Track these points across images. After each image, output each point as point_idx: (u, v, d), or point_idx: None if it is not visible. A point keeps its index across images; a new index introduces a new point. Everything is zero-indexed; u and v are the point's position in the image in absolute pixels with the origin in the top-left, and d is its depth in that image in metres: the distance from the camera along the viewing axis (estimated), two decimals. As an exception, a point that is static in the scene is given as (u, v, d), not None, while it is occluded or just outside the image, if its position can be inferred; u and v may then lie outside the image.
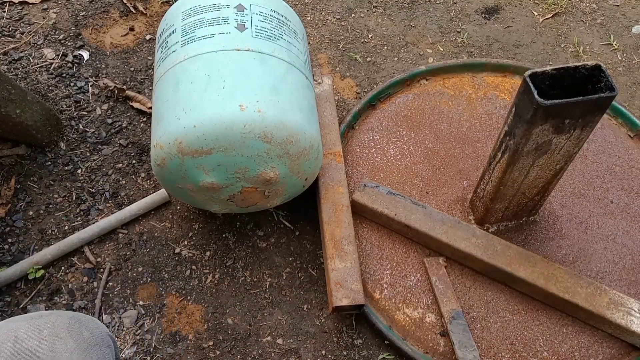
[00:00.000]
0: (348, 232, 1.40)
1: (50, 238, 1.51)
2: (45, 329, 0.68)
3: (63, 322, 0.70)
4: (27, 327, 0.68)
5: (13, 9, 1.97)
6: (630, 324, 1.30)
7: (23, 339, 0.66)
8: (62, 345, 0.67)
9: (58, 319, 0.71)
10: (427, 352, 1.33)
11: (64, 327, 0.70)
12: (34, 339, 0.67)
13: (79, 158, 1.65)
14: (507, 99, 1.77)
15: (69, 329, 0.70)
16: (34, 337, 0.67)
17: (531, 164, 1.24)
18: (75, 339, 0.69)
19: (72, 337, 0.69)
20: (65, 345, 0.67)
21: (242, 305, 1.42)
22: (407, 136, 1.68)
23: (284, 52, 1.28)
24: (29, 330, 0.68)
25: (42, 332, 0.68)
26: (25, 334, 0.67)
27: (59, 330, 0.69)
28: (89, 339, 0.70)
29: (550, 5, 2.09)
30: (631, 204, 1.56)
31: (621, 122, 1.72)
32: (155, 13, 2.02)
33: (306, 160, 1.28)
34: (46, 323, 0.70)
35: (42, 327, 0.69)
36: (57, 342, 0.67)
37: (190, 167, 1.21)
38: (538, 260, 1.37)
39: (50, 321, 0.70)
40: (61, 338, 0.68)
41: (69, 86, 1.79)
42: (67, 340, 0.68)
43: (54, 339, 0.67)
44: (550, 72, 1.10)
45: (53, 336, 0.68)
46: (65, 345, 0.67)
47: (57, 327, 0.69)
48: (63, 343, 0.67)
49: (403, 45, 1.96)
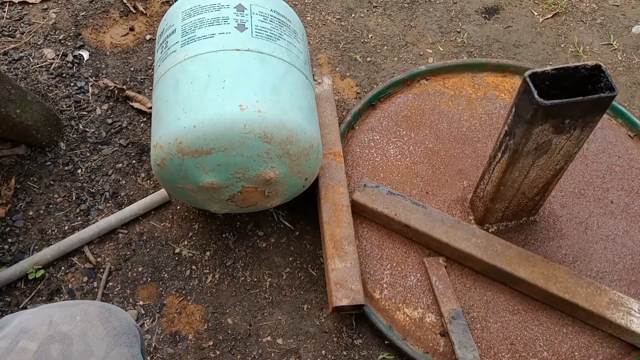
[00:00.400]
0: (348, 232, 1.40)
1: (50, 238, 1.51)
2: (78, 316, 0.72)
3: (94, 310, 0.74)
4: (61, 313, 0.72)
5: (13, 9, 1.97)
6: (630, 324, 1.30)
7: (57, 323, 0.70)
8: (93, 331, 0.71)
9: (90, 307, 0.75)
10: (427, 352, 1.33)
11: (95, 314, 0.74)
12: (67, 324, 0.71)
13: (79, 158, 1.65)
14: (507, 99, 1.77)
15: (100, 317, 0.74)
16: (68, 322, 0.71)
17: (531, 164, 1.24)
18: (106, 326, 0.73)
19: (102, 324, 0.73)
20: (96, 331, 0.71)
21: (242, 305, 1.42)
22: (407, 136, 1.68)
23: (284, 52, 1.28)
24: (62, 315, 0.72)
25: (75, 318, 0.72)
26: (59, 319, 0.71)
27: (90, 317, 0.73)
28: (118, 327, 0.74)
29: (550, 5, 2.09)
30: (631, 204, 1.56)
31: (621, 122, 1.72)
32: (155, 13, 2.02)
33: (306, 160, 1.28)
34: (79, 310, 0.74)
35: (75, 313, 0.73)
36: (88, 328, 0.71)
37: (190, 167, 1.21)
38: (538, 260, 1.37)
39: (83, 309, 0.74)
40: (93, 325, 0.72)
41: (69, 86, 1.79)
42: (98, 326, 0.72)
43: (86, 325, 0.71)
44: (550, 72, 1.10)
45: (85, 322, 0.72)
46: (96, 331, 0.71)
47: (89, 314, 0.73)
48: (94, 329, 0.71)
49: (403, 45, 1.96)
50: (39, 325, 0.70)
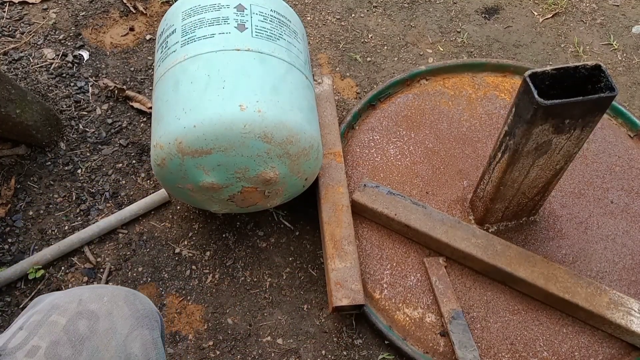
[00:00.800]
0: (348, 232, 1.40)
1: (50, 238, 1.51)
2: (105, 296, 0.78)
3: (120, 293, 0.80)
4: (90, 293, 0.78)
5: (13, 9, 1.97)
6: (630, 324, 1.30)
7: (86, 301, 0.76)
8: (118, 311, 0.76)
9: (116, 290, 0.80)
10: (427, 352, 1.33)
11: (121, 297, 0.79)
12: (95, 302, 0.76)
13: (79, 158, 1.65)
14: (507, 99, 1.77)
15: (125, 299, 0.79)
16: (96, 302, 0.76)
17: (531, 164, 1.24)
18: (130, 308, 0.78)
19: (127, 305, 0.78)
20: (121, 311, 0.77)
21: (242, 305, 1.42)
22: (407, 136, 1.68)
23: (284, 52, 1.28)
24: (91, 295, 0.77)
25: (102, 298, 0.77)
26: (88, 298, 0.77)
27: (117, 299, 0.78)
28: (141, 310, 0.79)
29: (550, 5, 2.09)
30: (631, 204, 1.56)
31: (621, 122, 1.72)
32: (155, 13, 2.02)
33: (306, 160, 1.28)
34: (106, 292, 0.79)
35: (102, 294, 0.78)
36: (114, 308, 0.77)
37: (190, 167, 1.21)
38: (538, 260, 1.37)
39: (110, 291, 0.79)
40: (118, 305, 0.77)
41: (69, 86, 1.79)
42: (123, 307, 0.77)
43: (112, 305, 0.77)
44: (550, 72, 1.10)
45: (112, 303, 0.77)
46: (121, 311, 0.77)
47: (115, 296, 0.79)
48: (120, 309, 0.77)
49: (403, 45, 1.96)
50: (69, 302, 0.75)
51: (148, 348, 0.76)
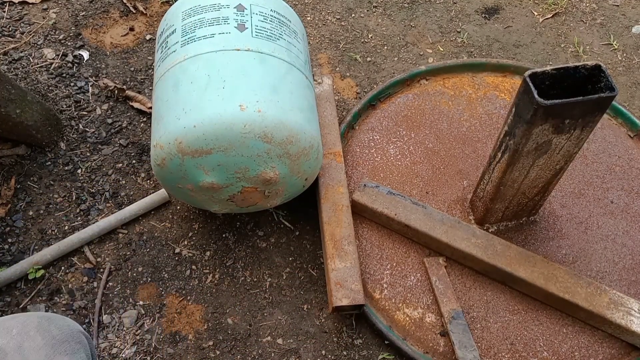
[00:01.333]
0: (348, 232, 1.40)
1: (50, 238, 1.50)
2: (15, 329, 0.72)
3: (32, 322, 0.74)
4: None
5: (13, 9, 1.97)
6: (630, 324, 1.30)
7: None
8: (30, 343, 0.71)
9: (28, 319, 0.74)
10: (427, 352, 1.33)
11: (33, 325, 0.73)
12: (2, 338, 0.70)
13: (79, 158, 1.65)
14: (507, 99, 1.77)
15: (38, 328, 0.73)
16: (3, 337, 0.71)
17: (531, 164, 1.24)
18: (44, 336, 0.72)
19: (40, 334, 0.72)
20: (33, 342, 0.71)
21: (242, 305, 1.42)
22: (407, 136, 1.68)
23: (284, 52, 1.28)
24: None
25: (11, 332, 0.72)
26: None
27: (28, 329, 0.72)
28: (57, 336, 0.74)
29: (550, 5, 2.09)
30: (631, 204, 1.56)
31: (621, 122, 1.72)
32: (155, 13, 2.02)
33: (306, 160, 1.28)
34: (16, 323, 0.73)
35: (11, 327, 0.73)
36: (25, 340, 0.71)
37: (190, 167, 1.21)
38: (538, 260, 1.37)
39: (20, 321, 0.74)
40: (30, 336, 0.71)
41: (69, 86, 1.79)
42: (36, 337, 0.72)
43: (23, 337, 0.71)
44: (550, 72, 1.10)
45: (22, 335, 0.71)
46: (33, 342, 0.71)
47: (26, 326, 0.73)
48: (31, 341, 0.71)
49: (403, 45, 1.96)
50: None
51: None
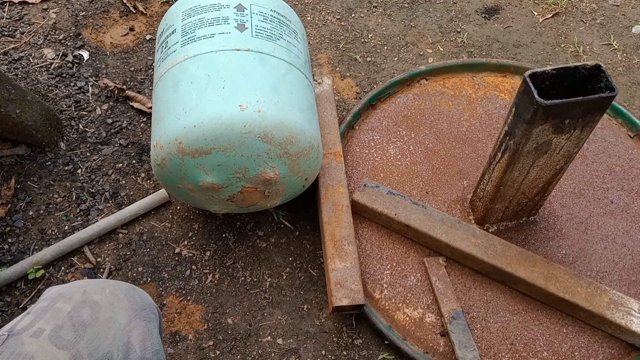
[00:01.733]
0: (348, 232, 1.40)
1: (50, 238, 1.51)
2: (108, 289, 0.84)
3: (122, 287, 0.86)
4: (94, 285, 0.84)
5: (13, 9, 1.97)
6: (630, 324, 1.30)
7: (90, 292, 0.82)
8: (119, 303, 0.82)
9: (118, 284, 0.87)
10: (427, 352, 1.33)
11: (122, 290, 0.85)
12: (98, 293, 0.82)
13: (79, 158, 1.65)
14: (507, 99, 1.77)
15: (126, 293, 0.85)
16: (99, 293, 0.82)
17: (531, 164, 1.24)
18: (130, 301, 0.84)
19: (127, 298, 0.84)
20: (121, 303, 0.83)
21: (242, 305, 1.42)
22: (407, 136, 1.68)
23: (284, 52, 1.28)
24: (95, 287, 0.84)
25: (105, 290, 0.83)
26: (92, 289, 0.83)
27: (118, 292, 0.84)
28: (139, 303, 0.85)
29: (550, 5, 2.09)
30: (631, 204, 1.56)
31: (621, 122, 1.72)
32: (155, 13, 2.02)
33: (306, 160, 1.28)
34: (109, 285, 0.86)
35: (105, 287, 0.85)
36: (115, 299, 0.83)
37: (190, 167, 1.21)
38: (538, 260, 1.37)
39: (112, 284, 0.86)
40: (119, 298, 0.83)
41: (69, 86, 1.79)
42: (124, 300, 0.83)
43: (114, 297, 0.83)
44: (550, 72, 1.10)
45: (113, 295, 0.83)
46: (121, 303, 0.83)
47: (117, 289, 0.85)
48: (120, 301, 0.83)
49: (403, 45, 1.96)
50: (74, 292, 0.82)
51: (145, 338, 0.81)
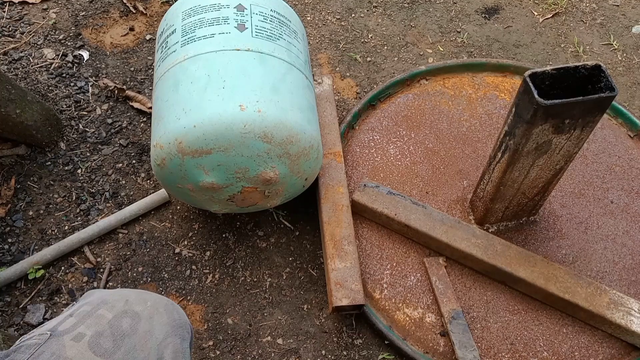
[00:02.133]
0: (348, 232, 1.40)
1: (50, 238, 1.50)
2: (149, 301, 0.84)
3: (162, 301, 0.87)
4: (136, 296, 0.85)
5: (13, 9, 1.97)
6: (630, 324, 1.30)
7: (132, 302, 0.82)
8: (158, 317, 0.83)
9: (159, 298, 0.87)
10: (427, 352, 1.33)
11: (162, 305, 0.86)
12: (140, 305, 0.83)
13: (79, 158, 1.65)
14: (507, 99, 1.77)
15: (165, 308, 0.86)
16: (141, 304, 0.83)
17: (531, 164, 1.24)
18: (169, 316, 0.84)
19: (167, 314, 0.84)
20: (161, 317, 0.83)
21: (242, 305, 1.42)
22: (407, 136, 1.68)
23: (284, 52, 1.28)
24: (137, 298, 0.84)
25: (146, 303, 0.84)
26: (134, 299, 0.83)
27: (158, 306, 0.85)
28: (177, 320, 0.85)
29: (550, 5, 2.09)
30: (631, 204, 1.56)
31: (621, 122, 1.72)
32: (155, 13, 2.02)
33: (306, 160, 1.28)
34: (150, 297, 0.86)
35: (147, 299, 0.85)
36: (155, 313, 0.83)
37: (190, 167, 1.21)
38: (538, 260, 1.37)
39: (154, 297, 0.87)
40: (159, 312, 0.84)
41: (69, 86, 1.79)
42: (163, 315, 0.84)
43: (154, 310, 0.83)
44: (550, 72, 1.10)
45: (154, 308, 0.84)
46: (161, 317, 0.83)
47: (157, 303, 0.85)
48: (159, 316, 0.83)
49: (403, 45, 1.96)
50: (117, 300, 0.82)
51: (177, 355, 0.81)
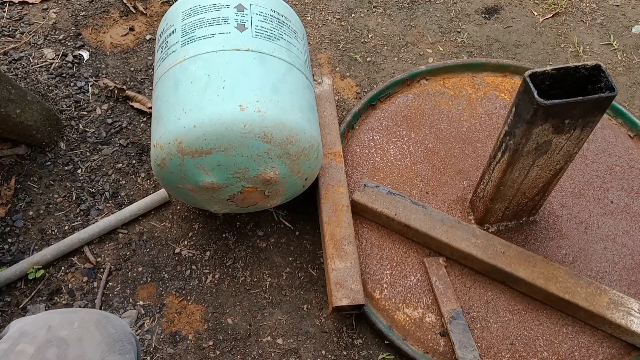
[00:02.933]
0: (348, 232, 1.40)
1: (50, 238, 1.50)
2: (76, 322, 0.76)
3: (92, 317, 0.79)
4: (61, 319, 0.77)
5: (13, 9, 1.97)
6: (630, 324, 1.30)
7: (56, 328, 0.74)
8: (89, 337, 0.75)
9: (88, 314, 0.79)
10: (427, 352, 1.33)
11: (93, 321, 0.78)
12: (65, 329, 0.74)
13: (79, 158, 1.65)
14: (507, 99, 1.77)
15: (97, 324, 0.78)
16: (66, 328, 0.75)
17: (531, 164, 1.24)
18: (102, 333, 0.76)
19: (99, 331, 0.77)
20: (92, 337, 0.75)
21: (242, 305, 1.42)
22: (407, 136, 1.68)
23: (284, 52, 1.28)
24: (62, 321, 0.76)
25: (73, 324, 0.76)
26: (58, 324, 0.75)
27: (87, 324, 0.77)
28: (113, 334, 0.78)
29: (550, 5, 2.09)
30: (631, 204, 1.56)
31: (621, 122, 1.72)
32: (155, 13, 2.02)
33: (306, 160, 1.28)
34: (77, 317, 0.78)
35: (73, 320, 0.77)
36: (85, 333, 0.75)
37: (190, 167, 1.21)
38: (538, 260, 1.37)
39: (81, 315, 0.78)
40: (89, 331, 0.76)
41: (69, 86, 1.79)
42: (94, 333, 0.76)
43: (83, 331, 0.75)
44: (550, 72, 1.10)
45: (82, 328, 0.76)
46: (92, 337, 0.75)
47: (86, 321, 0.77)
48: (90, 335, 0.75)
49: (403, 45, 1.96)
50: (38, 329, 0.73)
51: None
